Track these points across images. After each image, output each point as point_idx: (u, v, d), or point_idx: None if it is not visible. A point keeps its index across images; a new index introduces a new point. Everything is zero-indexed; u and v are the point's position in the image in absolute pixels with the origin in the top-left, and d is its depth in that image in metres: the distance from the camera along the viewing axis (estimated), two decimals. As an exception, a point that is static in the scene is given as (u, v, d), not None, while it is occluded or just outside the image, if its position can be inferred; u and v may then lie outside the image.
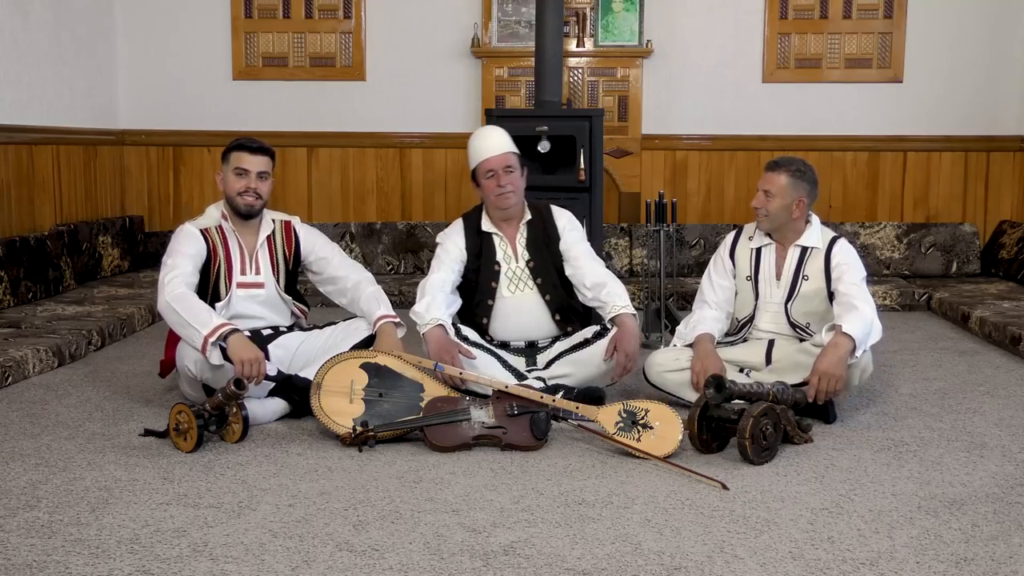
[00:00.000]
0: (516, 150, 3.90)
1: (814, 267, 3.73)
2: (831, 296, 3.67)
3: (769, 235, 3.80)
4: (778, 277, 3.77)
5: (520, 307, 3.88)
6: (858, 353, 3.44)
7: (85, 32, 6.40)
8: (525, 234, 3.92)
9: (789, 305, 3.74)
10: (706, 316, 3.81)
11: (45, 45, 5.92)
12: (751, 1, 6.70)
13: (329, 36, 6.80)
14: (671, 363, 3.76)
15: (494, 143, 3.87)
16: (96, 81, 6.57)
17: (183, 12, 6.82)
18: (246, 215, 3.69)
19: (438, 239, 4.00)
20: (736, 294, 3.86)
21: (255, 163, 3.65)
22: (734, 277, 3.85)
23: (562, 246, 3.91)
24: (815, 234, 3.77)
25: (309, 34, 6.80)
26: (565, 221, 3.97)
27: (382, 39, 6.79)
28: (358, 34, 6.79)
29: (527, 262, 3.89)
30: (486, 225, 3.92)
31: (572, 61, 6.62)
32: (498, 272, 3.88)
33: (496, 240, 3.91)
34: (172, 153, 6.94)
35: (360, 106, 6.82)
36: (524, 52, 6.50)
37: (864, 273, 3.70)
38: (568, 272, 3.90)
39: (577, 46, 6.61)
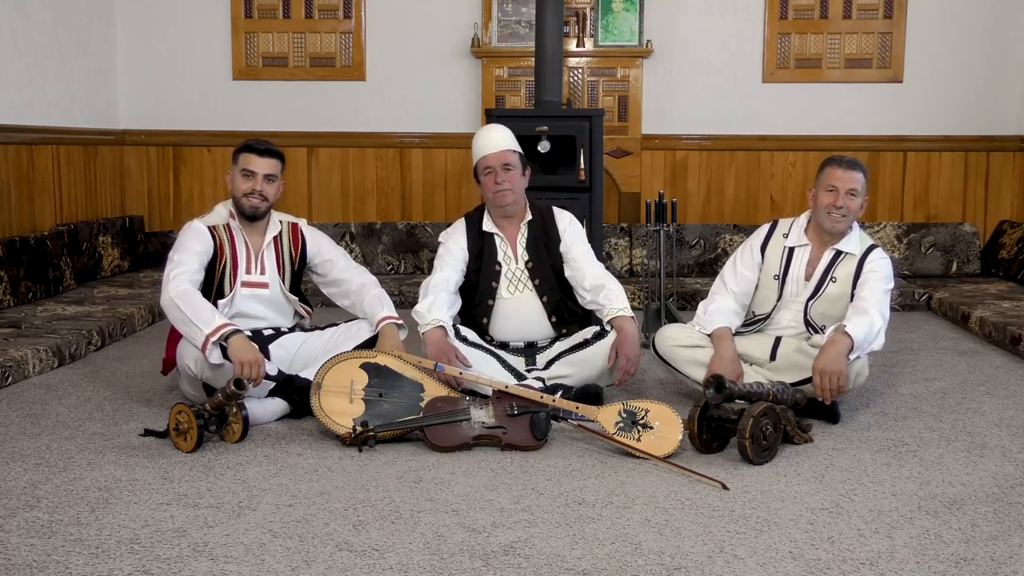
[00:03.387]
0: (518, 149, 3.89)
1: (844, 271, 3.67)
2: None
3: (807, 235, 3.74)
4: (807, 278, 3.71)
5: (519, 308, 3.88)
6: (853, 355, 3.42)
7: (85, 32, 6.41)
8: (526, 235, 3.91)
9: (810, 303, 3.69)
10: (725, 307, 3.75)
11: (45, 45, 5.92)
12: (751, 1, 6.70)
13: (329, 36, 6.80)
14: (683, 338, 3.76)
15: (494, 140, 3.86)
16: (96, 81, 6.57)
17: (183, 12, 6.82)
18: (250, 217, 3.69)
19: (440, 239, 3.99)
20: (757, 288, 3.80)
21: (262, 165, 3.65)
22: (760, 271, 3.80)
23: (562, 248, 3.90)
24: (855, 240, 3.71)
25: (309, 34, 6.81)
26: (566, 223, 3.96)
27: (382, 39, 6.79)
28: (358, 34, 6.79)
29: (526, 263, 3.89)
30: (487, 225, 3.91)
31: (572, 61, 6.62)
32: (499, 272, 3.88)
33: (497, 240, 3.91)
34: (172, 153, 6.94)
35: (360, 106, 6.83)
36: (524, 52, 6.51)
37: (891, 285, 3.64)
38: (567, 274, 3.90)
39: (577, 46, 6.61)
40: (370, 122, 6.84)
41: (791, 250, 3.76)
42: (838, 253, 3.70)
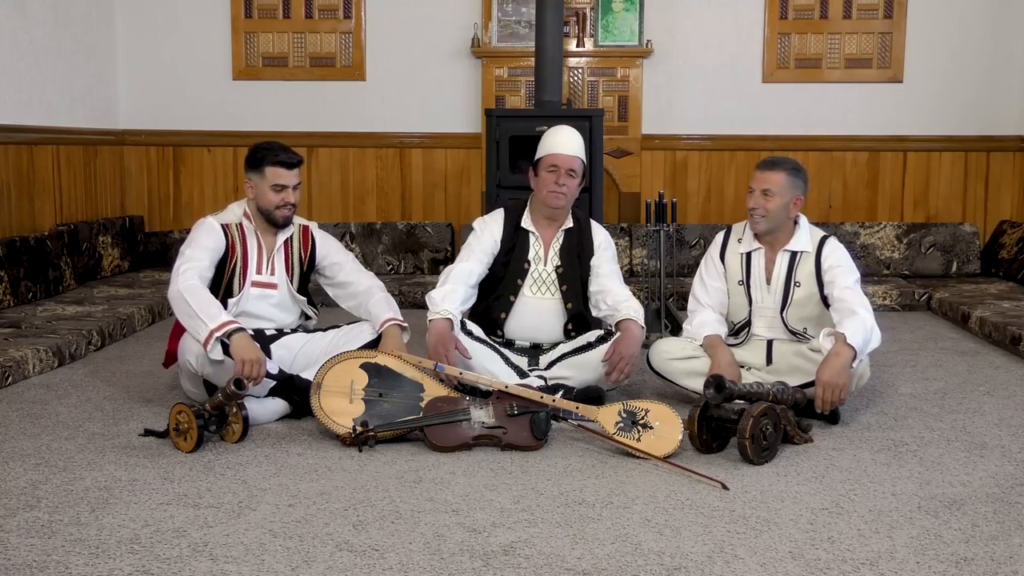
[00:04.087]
0: (585, 160, 3.91)
1: (804, 271, 3.69)
2: (824, 299, 3.65)
3: (758, 239, 3.76)
4: (768, 282, 3.74)
5: (538, 310, 3.89)
6: (855, 363, 3.43)
7: (85, 32, 6.40)
8: (561, 240, 3.92)
9: (784, 313, 3.72)
10: (707, 318, 3.79)
11: (45, 45, 5.92)
12: (751, 1, 6.70)
13: (329, 36, 6.80)
14: (677, 351, 3.76)
15: (569, 143, 3.86)
16: (96, 81, 6.57)
17: (183, 12, 6.82)
18: (283, 226, 3.71)
19: (475, 224, 3.98)
20: (729, 297, 3.83)
21: (292, 177, 3.66)
22: (726, 280, 3.82)
23: (594, 261, 3.92)
24: (804, 237, 3.73)
25: (309, 34, 6.81)
26: (602, 238, 3.98)
27: (382, 39, 6.79)
28: (358, 34, 6.79)
29: (556, 267, 3.89)
30: (526, 222, 3.92)
31: (572, 61, 6.62)
32: (526, 271, 3.89)
33: (531, 239, 3.91)
34: (172, 153, 6.94)
35: (360, 106, 6.83)
36: (524, 52, 6.50)
37: (857, 275, 3.66)
38: (592, 288, 3.91)
39: (577, 46, 6.61)
40: (370, 122, 6.84)
41: (747, 255, 3.78)
42: (793, 254, 3.71)
